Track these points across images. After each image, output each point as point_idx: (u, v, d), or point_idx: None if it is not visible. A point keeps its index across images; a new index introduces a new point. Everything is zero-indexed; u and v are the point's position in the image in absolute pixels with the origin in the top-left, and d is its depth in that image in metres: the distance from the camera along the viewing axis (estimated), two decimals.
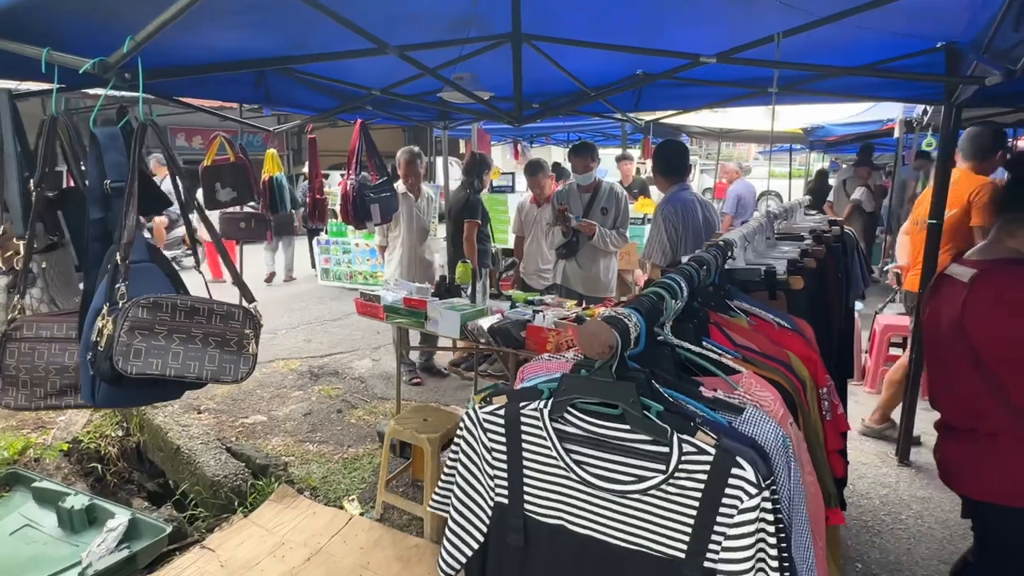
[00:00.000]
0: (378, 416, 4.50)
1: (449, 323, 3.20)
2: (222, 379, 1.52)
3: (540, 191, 4.75)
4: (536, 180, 4.73)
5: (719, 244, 1.72)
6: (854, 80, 3.56)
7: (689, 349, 1.22)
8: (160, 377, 1.44)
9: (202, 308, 1.53)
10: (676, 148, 3.28)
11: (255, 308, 1.64)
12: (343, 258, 8.70)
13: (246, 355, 1.55)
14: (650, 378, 1.05)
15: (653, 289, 1.25)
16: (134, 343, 1.40)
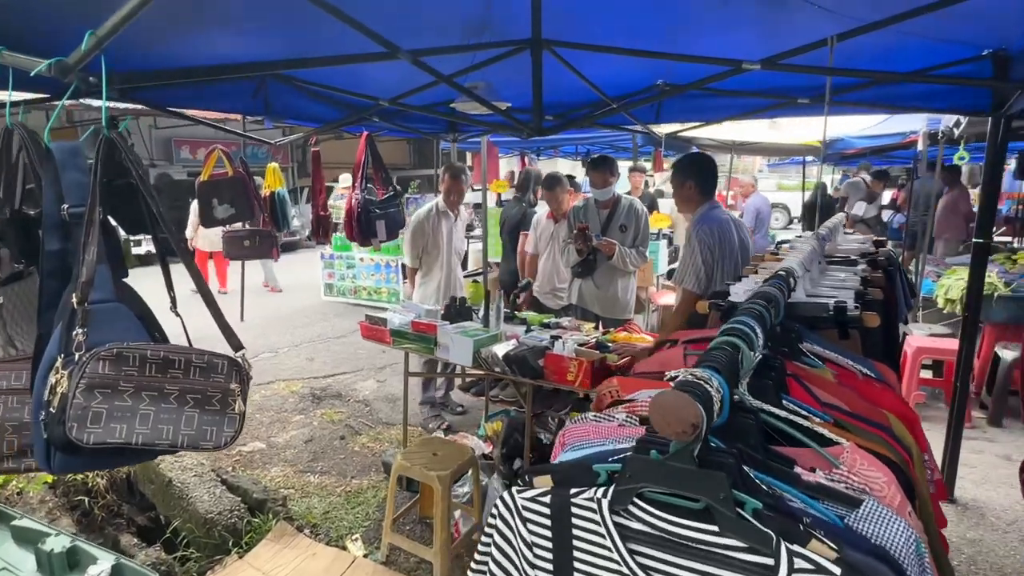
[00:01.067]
0: (383, 444, 4.26)
1: (461, 350, 2.98)
2: (201, 445, 1.28)
3: (558, 206, 4.51)
4: (554, 194, 4.49)
5: (781, 275, 1.49)
6: (895, 90, 3.35)
7: (774, 414, 0.98)
8: (125, 446, 1.21)
9: (178, 359, 1.28)
10: (708, 162, 3.04)
11: (243, 357, 1.39)
12: (347, 273, 8.50)
13: (231, 415, 1.31)
14: (740, 462, 0.82)
15: (726, 339, 1.02)
16: (92, 405, 1.16)
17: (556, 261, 4.55)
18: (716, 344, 1.02)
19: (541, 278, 4.57)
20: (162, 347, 1.31)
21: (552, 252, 4.57)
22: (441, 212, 4.28)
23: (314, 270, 8.97)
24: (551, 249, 4.57)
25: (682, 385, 0.82)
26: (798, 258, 1.72)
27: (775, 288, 1.37)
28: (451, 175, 4.31)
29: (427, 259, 4.32)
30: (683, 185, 2.97)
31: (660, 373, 1.30)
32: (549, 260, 4.58)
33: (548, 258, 4.59)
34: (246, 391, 1.38)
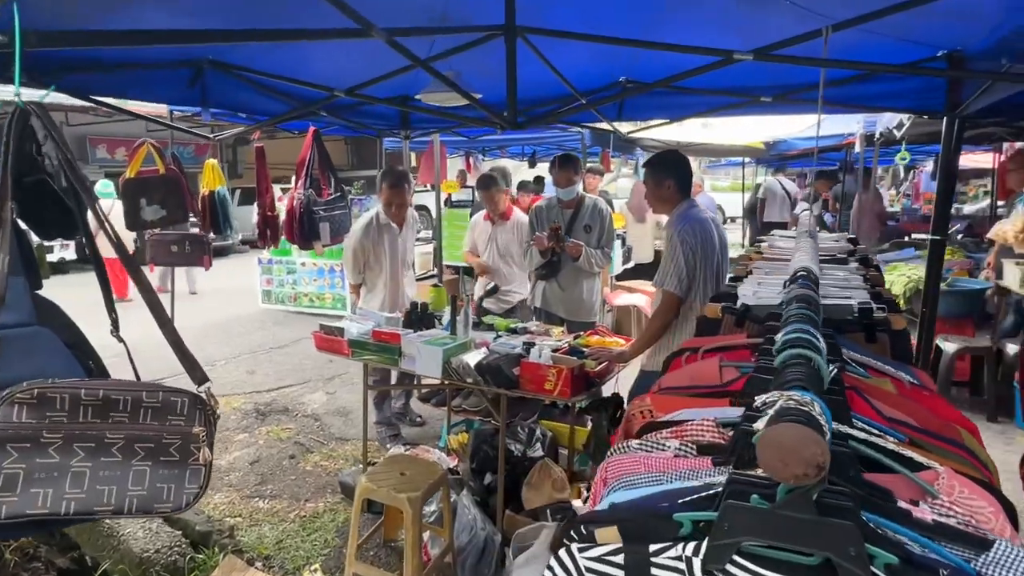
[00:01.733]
0: (337, 461, 3.97)
1: (429, 360, 2.77)
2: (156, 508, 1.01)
3: (494, 207, 4.27)
4: (490, 195, 4.23)
5: (802, 275, 1.38)
6: (859, 89, 3.38)
7: (862, 439, 0.86)
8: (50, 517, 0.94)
9: (122, 399, 0.97)
10: (684, 159, 2.95)
11: (208, 391, 1.12)
12: (287, 279, 8.05)
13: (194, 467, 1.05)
14: (860, 508, 0.68)
15: (799, 352, 0.88)
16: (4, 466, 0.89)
17: (496, 263, 4.32)
18: (788, 359, 0.88)
19: (481, 281, 4.34)
20: (100, 383, 1.02)
21: (492, 254, 4.32)
22: (382, 225, 3.85)
23: (250, 276, 8.46)
24: (491, 251, 4.33)
25: (790, 414, 0.67)
26: (807, 256, 1.63)
27: (808, 289, 1.25)
28: (389, 184, 3.78)
29: (370, 275, 3.95)
30: (661, 184, 2.87)
31: (695, 388, 1.16)
32: (490, 263, 4.34)
33: (489, 259, 4.35)
34: (213, 435, 1.13)
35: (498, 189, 4.26)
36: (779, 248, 2.46)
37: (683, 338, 2.76)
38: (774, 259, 2.19)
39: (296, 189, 3.88)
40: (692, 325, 2.75)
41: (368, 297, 3.93)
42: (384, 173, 3.85)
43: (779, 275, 1.86)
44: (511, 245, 4.29)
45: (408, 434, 4.32)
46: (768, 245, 2.56)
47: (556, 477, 3.06)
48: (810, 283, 1.31)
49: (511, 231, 4.30)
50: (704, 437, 0.95)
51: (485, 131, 7.42)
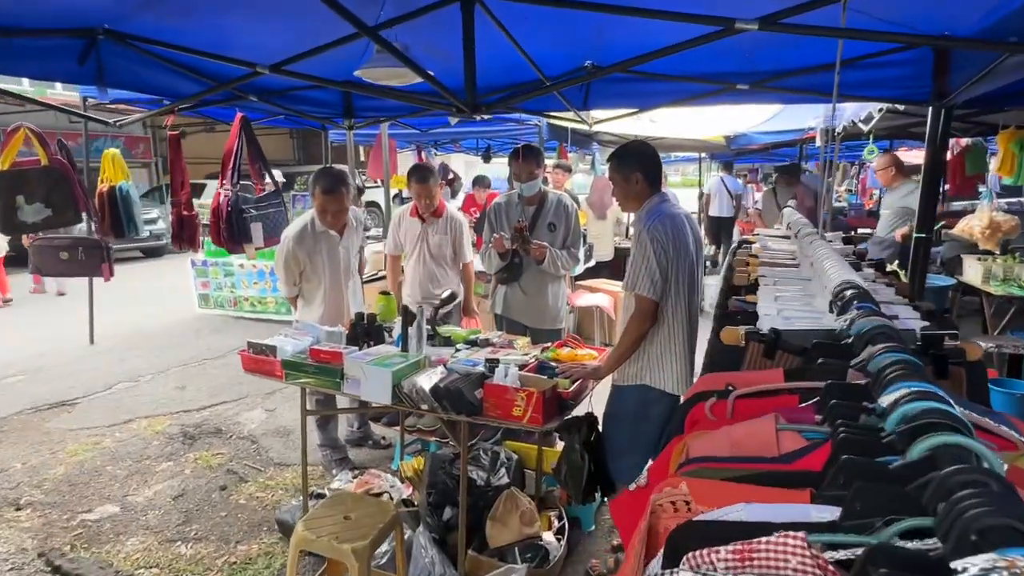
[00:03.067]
0: (276, 492, 3.52)
1: (376, 384, 2.37)
2: None
3: (429, 202, 3.75)
4: (427, 188, 3.68)
5: (857, 294, 1.07)
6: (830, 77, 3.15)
7: None
8: None
9: None
10: (652, 150, 2.64)
11: None
12: (225, 282, 7.44)
13: None
14: None
15: (948, 443, 0.56)
16: None
17: (428, 265, 3.83)
18: (932, 452, 0.55)
19: (411, 285, 3.88)
20: None
21: (422, 255, 3.83)
22: (319, 232, 3.33)
23: (185, 279, 7.78)
24: (420, 252, 3.83)
25: None
26: (840, 264, 1.32)
27: (876, 316, 0.94)
28: (323, 188, 3.17)
29: (307, 287, 3.45)
30: (628, 179, 2.53)
31: (744, 462, 0.83)
32: (419, 264, 3.84)
33: (418, 262, 3.85)
34: None
35: (436, 182, 3.80)
36: (775, 251, 2.17)
37: (660, 347, 2.45)
38: (776, 264, 1.90)
39: (223, 184, 3.40)
40: (668, 331, 2.46)
41: (305, 311, 3.46)
42: (316, 176, 3.27)
43: (794, 286, 1.56)
44: (444, 246, 3.82)
45: (357, 457, 3.90)
46: (760, 246, 2.27)
47: (524, 509, 2.72)
48: (873, 307, 1.00)
49: (444, 230, 3.81)
50: (790, 565, 0.62)
51: (437, 122, 7.03)
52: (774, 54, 3.10)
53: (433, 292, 3.80)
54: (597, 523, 3.21)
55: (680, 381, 2.45)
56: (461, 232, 3.86)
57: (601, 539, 3.10)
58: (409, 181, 3.77)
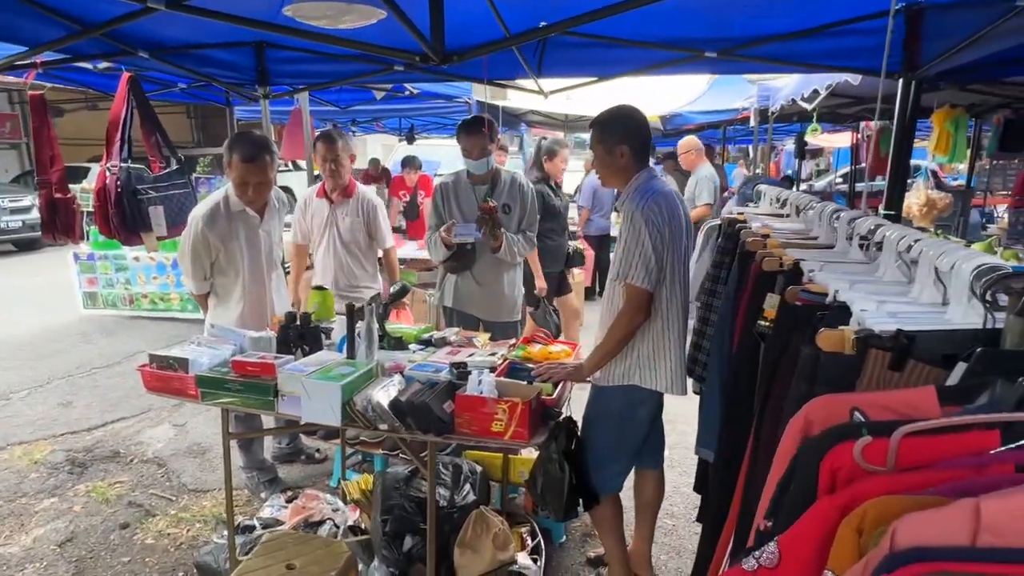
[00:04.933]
0: (192, 526, 2.98)
1: (322, 402, 1.94)
2: None
3: (338, 177, 3.23)
4: (333, 149, 3.14)
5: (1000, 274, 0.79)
6: (803, 46, 2.99)
7: None
8: None
9: None
10: (640, 118, 2.28)
11: None
12: (117, 277, 6.53)
13: None
14: None
15: None
16: None
17: (340, 254, 3.34)
18: None
19: (322, 277, 3.37)
20: None
21: (332, 242, 3.34)
22: (234, 212, 2.81)
23: (67, 275, 6.76)
24: (329, 238, 3.35)
25: None
26: (942, 243, 1.06)
27: None
28: (243, 155, 2.66)
29: (222, 281, 2.91)
30: (612, 152, 2.20)
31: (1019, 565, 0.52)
32: (329, 253, 3.35)
33: (328, 251, 3.36)
34: None
35: (346, 149, 3.26)
36: (782, 230, 1.93)
37: (653, 343, 2.17)
38: (805, 245, 1.64)
39: (109, 159, 2.78)
40: (663, 325, 2.18)
41: (220, 311, 2.91)
42: (233, 142, 2.74)
43: (856, 274, 1.30)
44: (357, 230, 3.33)
45: (288, 475, 3.41)
46: (763, 225, 2.03)
47: (496, 530, 2.38)
48: None
49: (355, 211, 3.32)
50: None
51: (358, 98, 6.45)
52: (744, 20, 2.88)
53: (349, 285, 3.32)
54: (568, 532, 2.93)
55: (675, 379, 2.19)
56: (375, 214, 3.37)
57: (574, 550, 2.83)
58: (315, 146, 3.23)
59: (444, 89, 6.21)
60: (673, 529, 2.97)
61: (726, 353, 1.91)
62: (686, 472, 3.25)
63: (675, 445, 3.58)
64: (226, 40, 3.09)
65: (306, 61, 3.39)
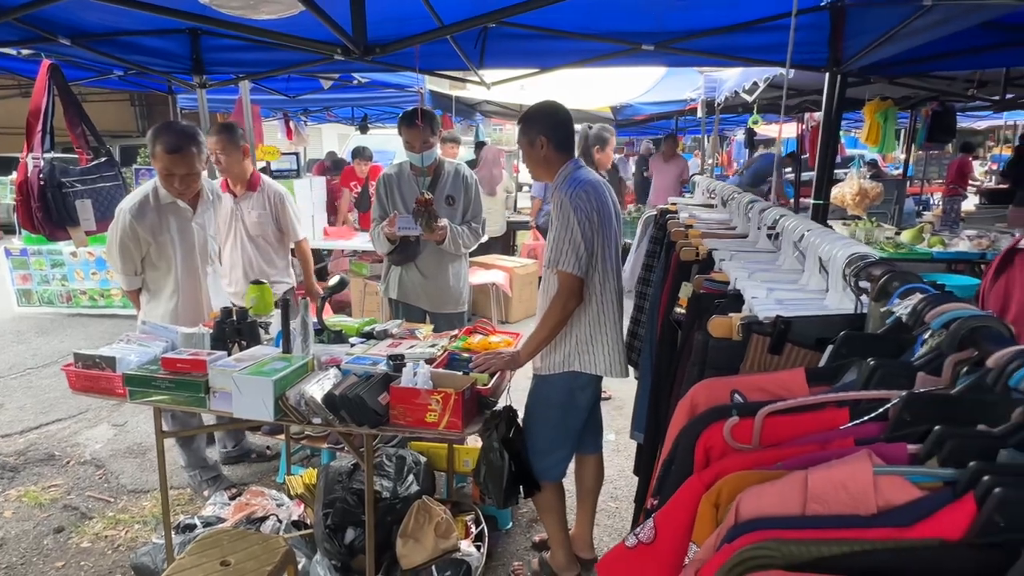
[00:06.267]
0: (131, 528, 2.92)
1: (253, 397, 1.92)
2: None
3: (240, 170, 3.13)
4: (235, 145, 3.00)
5: (889, 272, 0.86)
6: (735, 40, 3.08)
7: None
8: None
9: None
10: (560, 111, 2.32)
11: None
12: (53, 274, 6.26)
13: None
14: None
15: None
16: None
17: (247, 249, 3.24)
18: None
19: (230, 274, 3.29)
20: None
21: (238, 237, 3.25)
22: (164, 204, 2.72)
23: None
24: (236, 233, 3.24)
25: None
26: (830, 234, 1.12)
27: (950, 301, 0.72)
28: (167, 146, 2.56)
29: (153, 276, 2.82)
30: (534, 144, 2.24)
31: (839, 532, 0.58)
32: (236, 248, 3.25)
33: (235, 246, 3.26)
34: None
35: (243, 140, 3.15)
36: (707, 220, 2.00)
37: (589, 328, 2.22)
38: (720, 236, 1.71)
39: (30, 150, 2.67)
40: (597, 310, 2.23)
41: (152, 307, 2.83)
42: (156, 132, 2.63)
43: (760, 262, 1.36)
44: (265, 223, 3.23)
45: (235, 472, 3.36)
46: (690, 216, 2.09)
47: (439, 519, 2.41)
48: (930, 288, 0.78)
49: (262, 204, 3.22)
50: None
51: (307, 87, 6.32)
52: (680, 15, 2.95)
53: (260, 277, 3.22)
54: (515, 519, 2.98)
55: (613, 362, 2.25)
56: (283, 205, 3.27)
57: (520, 536, 2.88)
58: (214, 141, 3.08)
59: (394, 79, 6.12)
60: (616, 512, 3.05)
61: (654, 339, 1.97)
62: (631, 456, 3.33)
63: (622, 430, 3.68)
64: (156, 27, 2.99)
65: (244, 49, 3.31)
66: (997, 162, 14.12)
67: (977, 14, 1.91)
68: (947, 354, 0.67)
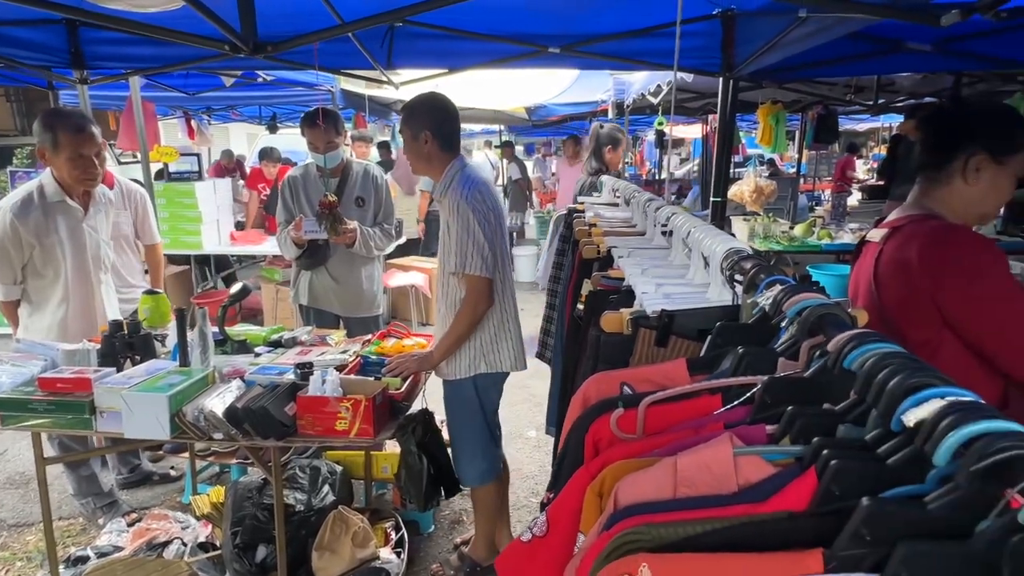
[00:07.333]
0: (14, 566, 2.66)
1: (146, 416, 1.80)
2: None
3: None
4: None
5: (757, 264, 0.92)
6: (635, 44, 3.20)
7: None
8: None
9: None
10: (444, 104, 2.26)
11: None
12: None
13: None
14: None
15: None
16: None
17: (124, 250, 2.98)
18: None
19: None
20: None
21: None
22: (52, 203, 2.50)
23: None
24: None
25: None
26: (712, 231, 1.19)
27: (804, 292, 0.79)
28: (72, 128, 2.41)
29: (37, 284, 2.57)
30: (417, 138, 2.20)
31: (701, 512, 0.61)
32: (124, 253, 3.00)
33: None
34: None
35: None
36: (610, 219, 2.07)
37: (493, 328, 2.25)
38: (621, 233, 1.77)
39: None
40: (500, 309, 2.26)
41: (35, 320, 2.60)
42: (51, 117, 2.44)
43: (654, 258, 1.42)
44: (123, 225, 2.96)
45: (136, 497, 3.13)
46: (595, 215, 2.16)
47: (356, 529, 2.36)
48: (789, 279, 0.85)
49: (122, 204, 2.96)
50: None
51: (208, 84, 5.98)
52: (584, 18, 3.03)
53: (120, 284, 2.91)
54: (437, 522, 2.96)
55: (517, 357, 2.31)
56: (145, 206, 3.05)
57: (443, 539, 2.87)
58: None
59: (303, 76, 5.91)
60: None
61: (564, 336, 2.02)
62: (552, 452, 3.40)
63: (542, 426, 3.73)
64: (25, 17, 2.74)
65: (130, 43, 3.09)
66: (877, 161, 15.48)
67: (843, 25, 2.08)
68: (802, 340, 0.73)
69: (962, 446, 0.44)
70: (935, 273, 1.30)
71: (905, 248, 1.36)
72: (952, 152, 1.36)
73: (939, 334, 1.32)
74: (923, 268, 1.31)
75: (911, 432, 0.50)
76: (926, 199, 1.43)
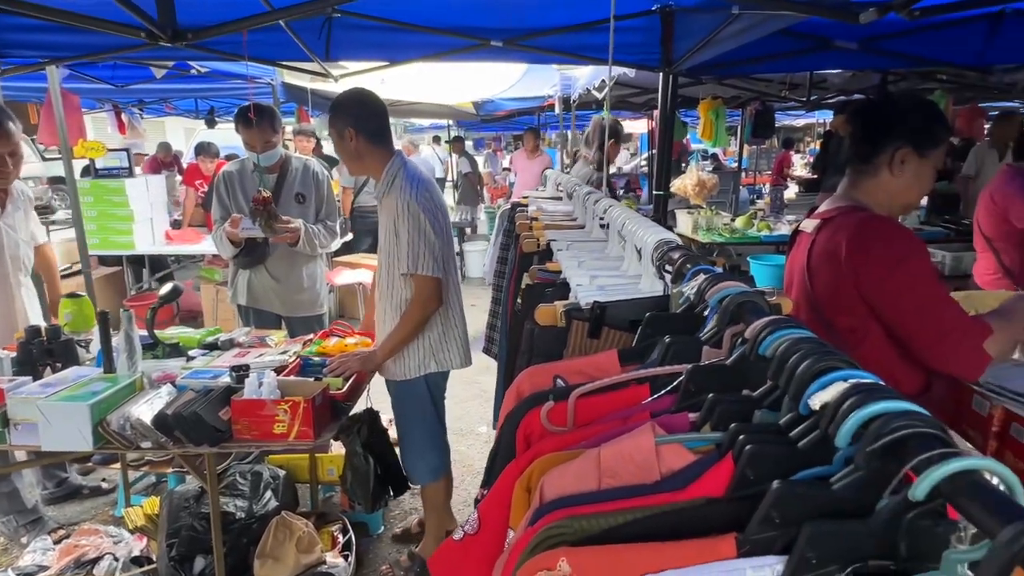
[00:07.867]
0: None
1: (66, 427, 1.69)
2: None
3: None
4: None
5: (685, 254, 0.93)
6: (578, 39, 3.21)
7: None
8: None
9: None
10: (369, 99, 2.18)
11: None
12: None
13: None
14: None
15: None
16: None
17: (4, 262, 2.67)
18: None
19: None
20: None
21: None
22: None
23: None
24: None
25: None
26: (644, 222, 1.20)
27: (727, 280, 0.80)
28: None
29: None
30: (343, 136, 2.13)
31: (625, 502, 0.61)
32: None
33: None
34: None
35: None
36: (552, 212, 2.07)
37: (440, 327, 2.22)
38: (560, 227, 1.78)
39: None
40: (447, 309, 2.24)
41: None
42: None
43: (591, 251, 1.43)
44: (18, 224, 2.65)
45: (64, 512, 2.96)
46: (537, 208, 2.16)
47: (300, 534, 2.29)
48: (712, 268, 0.86)
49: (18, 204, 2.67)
50: None
51: (138, 76, 5.69)
52: (526, 12, 3.02)
53: None
54: (386, 522, 2.92)
55: (464, 354, 2.31)
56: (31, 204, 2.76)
57: (392, 540, 2.83)
58: None
59: (239, 69, 5.69)
60: None
61: (506, 330, 2.02)
62: None
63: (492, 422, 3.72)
64: None
65: (42, 30, 2.90)
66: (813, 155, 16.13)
67: (773, 22, 2.15)
68: (724, 328, 0.74)
69: (861, 427, 0.45)
70: (858, 262, 1.35)
71: (834, 239, 1.41)
72: (879, 146, 1.42)
73: (865, 322, 1.38)
74: (848, 258, 1.36)
75: (818, 415, 0.51)
76: (854, 191, 1.49)
